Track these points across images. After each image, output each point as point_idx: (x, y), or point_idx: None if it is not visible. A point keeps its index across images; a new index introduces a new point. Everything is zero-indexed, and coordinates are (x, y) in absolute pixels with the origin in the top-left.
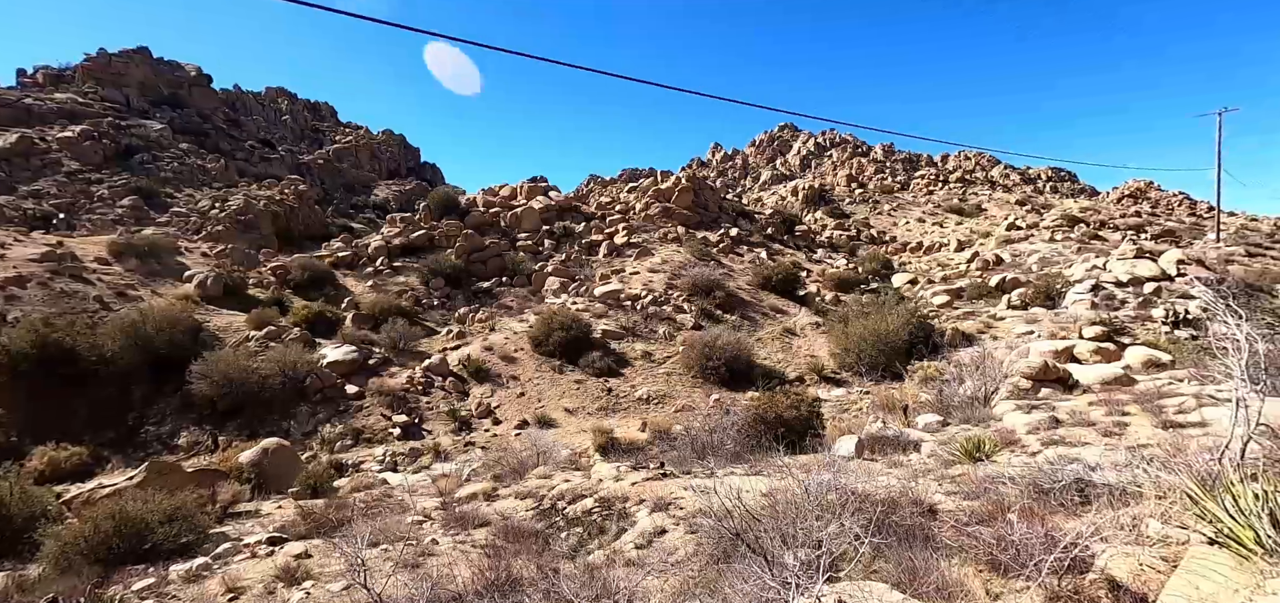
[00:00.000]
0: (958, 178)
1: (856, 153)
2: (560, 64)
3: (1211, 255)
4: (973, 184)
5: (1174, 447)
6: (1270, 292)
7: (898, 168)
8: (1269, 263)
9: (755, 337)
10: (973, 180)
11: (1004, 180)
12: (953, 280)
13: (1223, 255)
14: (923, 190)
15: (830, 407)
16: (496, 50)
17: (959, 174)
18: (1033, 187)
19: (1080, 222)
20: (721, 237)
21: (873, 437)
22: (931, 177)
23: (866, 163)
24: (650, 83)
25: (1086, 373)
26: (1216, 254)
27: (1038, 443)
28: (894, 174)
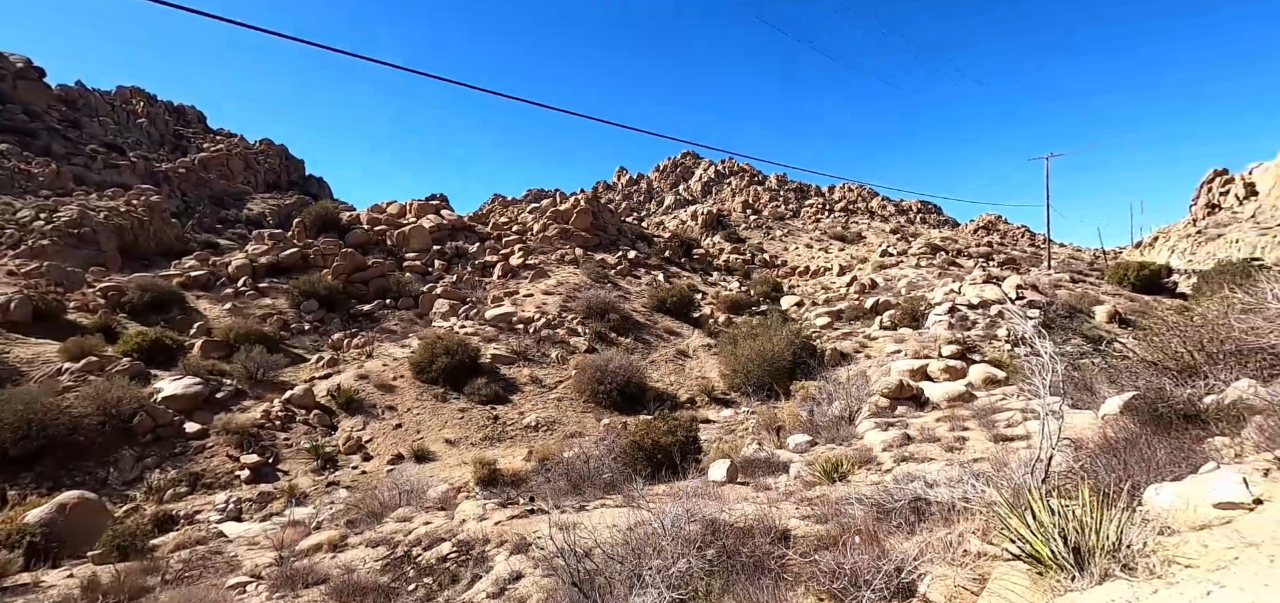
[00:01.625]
0: (842, 207)
1: (753, 181)
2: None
3: (1044, 281)
4: (855, 214)
5: (1000, 461)
6: (1088, 313)
7: (790, 197)
8: (1088, 288)
9: (649, 359)
10: (855, 210)
11: (881, 211)
12: (834, 303)
13: (1052, 281)
14: (811, 218)
15: (717, 428)
16: (394, 67)
17: (844, 204)
18: (905, 217)
19: (941, 250)
20: (619, 259)
21: (747, 460)
22: (819, 205)
23: (762, 191)
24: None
25: (936, 390)
26: (1048, 280)
27: (891, 460)
28: (787, 202)
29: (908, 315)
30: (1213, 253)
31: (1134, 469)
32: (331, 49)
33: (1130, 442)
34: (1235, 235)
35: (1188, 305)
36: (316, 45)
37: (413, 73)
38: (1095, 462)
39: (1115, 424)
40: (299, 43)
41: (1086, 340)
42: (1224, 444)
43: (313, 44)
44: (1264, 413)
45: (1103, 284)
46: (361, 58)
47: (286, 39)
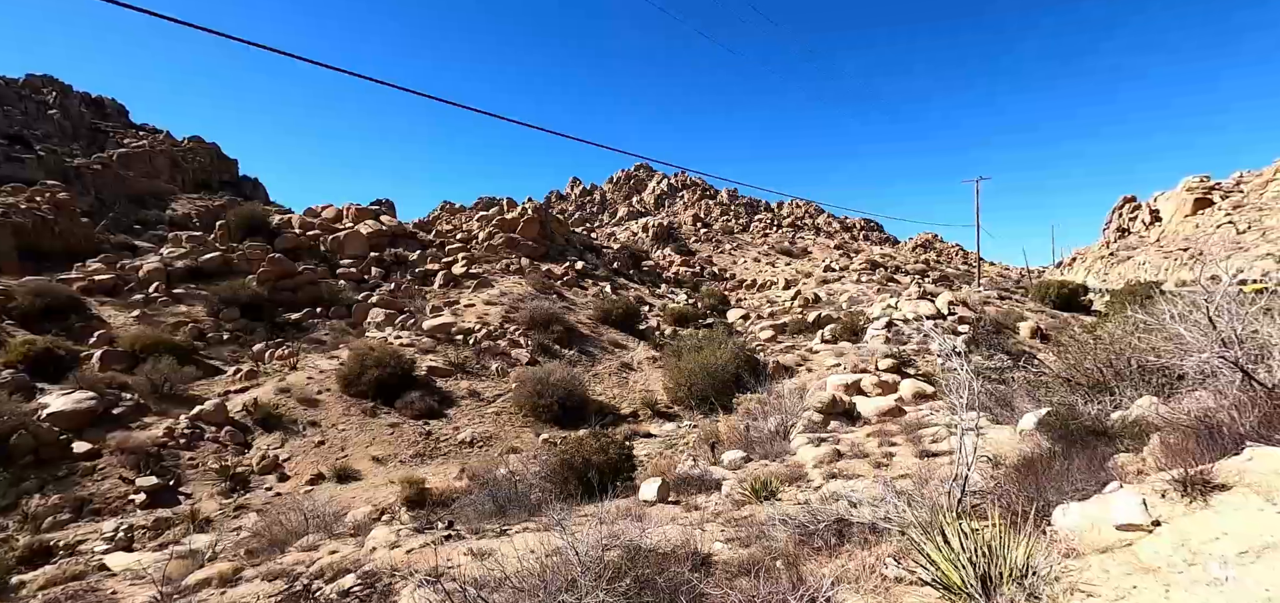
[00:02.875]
0: (790, 223)
1: (705, 196)
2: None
3: (974, 298)
4: (802, 230)
5: (923, 477)
6: (1013, 329)
7: (740, 211)
8: (1013, 305)
9: (592, 372)
10: (802, 226)
11: (827, 227)
12: (779, 316)
13: (982, 298)
14: (760, 233)
15: (658, 442)
16: (345, 73)
17: (791, 220)
18: (849, 234)
19: (881, 266)
20: (566, 269)
21: (680, 477)
22: (768, 220)
23: (713, 205)
24: (504, 118)
25: (868, 405)
26: (978, 297)
27: (821, 476)
28: (737, 217)
29: (848, 330)
30: (1123, 274)
31: (1045, 488)
32: (290, 54)
33: (1043, 459)
34: (1142, 258)
35: (1097, 324)
36: (268, 48)
37: (360, 78)
38: (1010, 480)
39: (1030, 440)
40: (240, 43)
41: (1010, 356)
42: (1128, 460)
43: (268, 48)
44: (1164, 430)
45: (1027, 301)
46: (311, 62)
47: (238, 42)
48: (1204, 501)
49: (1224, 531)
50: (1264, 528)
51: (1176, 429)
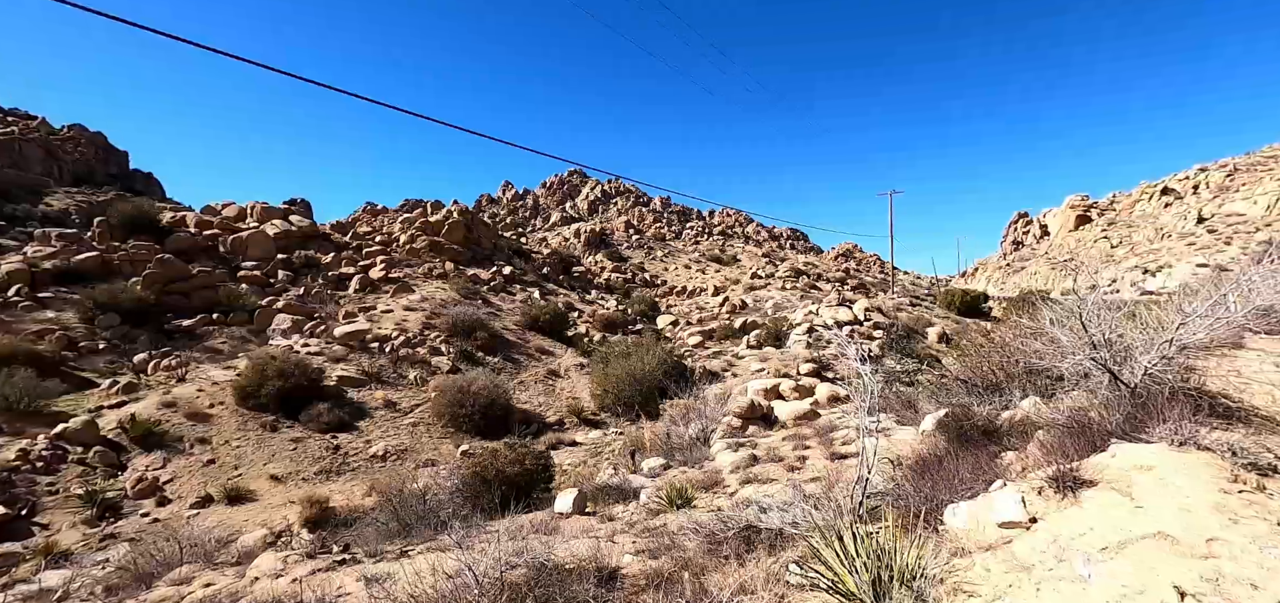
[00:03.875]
0: (721, 231)
1: (638, 202)
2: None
3: (888, 305)
4: (733, 238)
5: (832, 480)
6: (922, 334)
7: (673, 219)
8: (923, 311)
9: (517, 379)
10: (733, 234)
11: (756, 236)
12: (707, 323)
13: (896, 305)
14: (691, 240)
15: (584, 451)
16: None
17: (722, 228)
18: (777, 243)
19: (804, 274)
20: (493, 274)
21: (599, 487)
22: (700, 228)
23: (646, 212)
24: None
25: (785, 409)
26: (892, 304)
27: (737, 482)
28: (670, 224)
29: (772, 335)
30: (1018, 283)
31: (939, 488)
32: (200, 45)
33: (938, 459)
34: (1034, 268)
35: (990, 329)
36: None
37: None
38: (909, 480)
39: (929, 441)
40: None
41: (919, 359)
42: (1014, 458)
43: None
44: (1045, 429)
45: (935, 308)
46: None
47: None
48: (1074, 497)
49: (1090, 526)
50: (1122, 524)
51: (1054, 428)
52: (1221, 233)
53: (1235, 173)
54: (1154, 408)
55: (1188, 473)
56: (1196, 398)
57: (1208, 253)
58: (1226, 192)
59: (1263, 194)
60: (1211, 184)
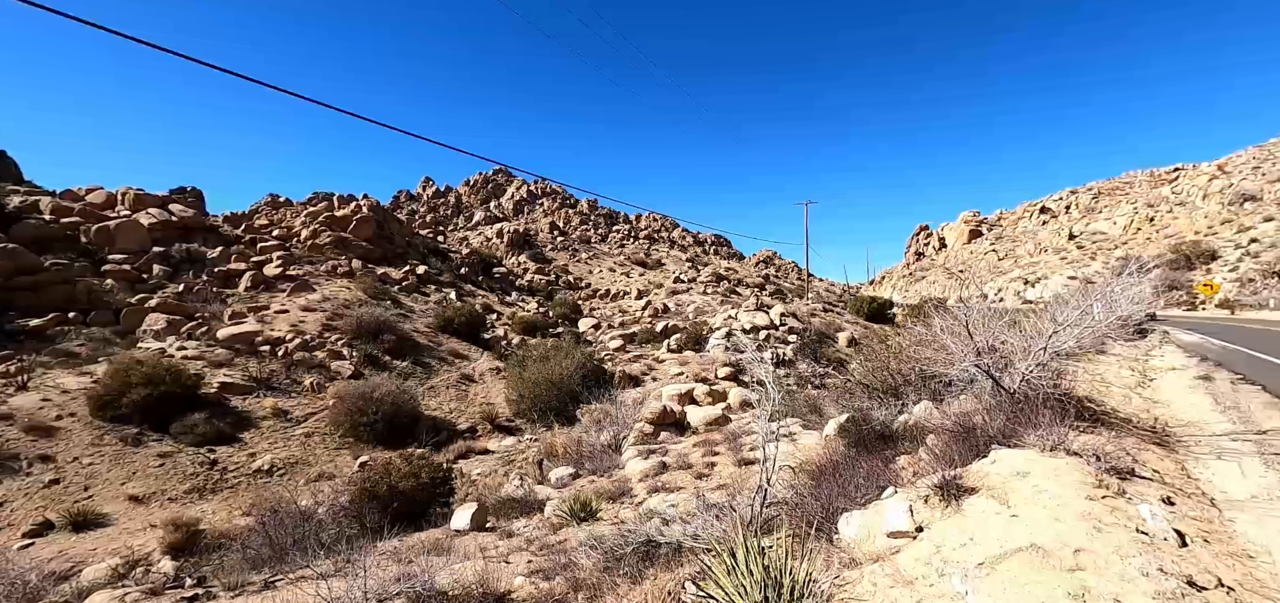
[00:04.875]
0: (647, 235)
1: (565, 204)
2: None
3: (803, 310)
4: (658, 242)
5: (736, 488)
6: (834, 338)
7: (600, 221)
8: (835, 317)
9: (427, 385)
10: (659, 239)
11: (681, 241)
12: (629, 326)
13: (810, 310)
14: (617, 244)
15: (495, 459)
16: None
17: (648, 232)
18: (702, 248)
19: (725, 279)
20: (406, 274)
21: (502, 500)
22: (626, 231)
23: (573, 214)
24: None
25: (697, 414)
26: (806, 309)
27: (645, 491)
28: (596, 227)
29: (692, 339)
30: (919, 290)
31: (836, 496)
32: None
33: (836, 466)
34: (934, 278)
35: (889, 335)
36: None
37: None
38: (808, 488)
39: (831, 446)
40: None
41: (831, 363)
42: (907, 462)
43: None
44: (935, 433)
45: (846, 314)
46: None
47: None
48: (957, 505)
49: (970, 536)
50: (999, 535)
51: (943, 433)
52: (1088, 249)
53: (1099, 195)
54: (1031, 412)
55: (1058, 479)
56: (1067, 403)
57: (1077, 266)
58: (1092, 212)
59: (1120, 215)
60: (1080, 205)
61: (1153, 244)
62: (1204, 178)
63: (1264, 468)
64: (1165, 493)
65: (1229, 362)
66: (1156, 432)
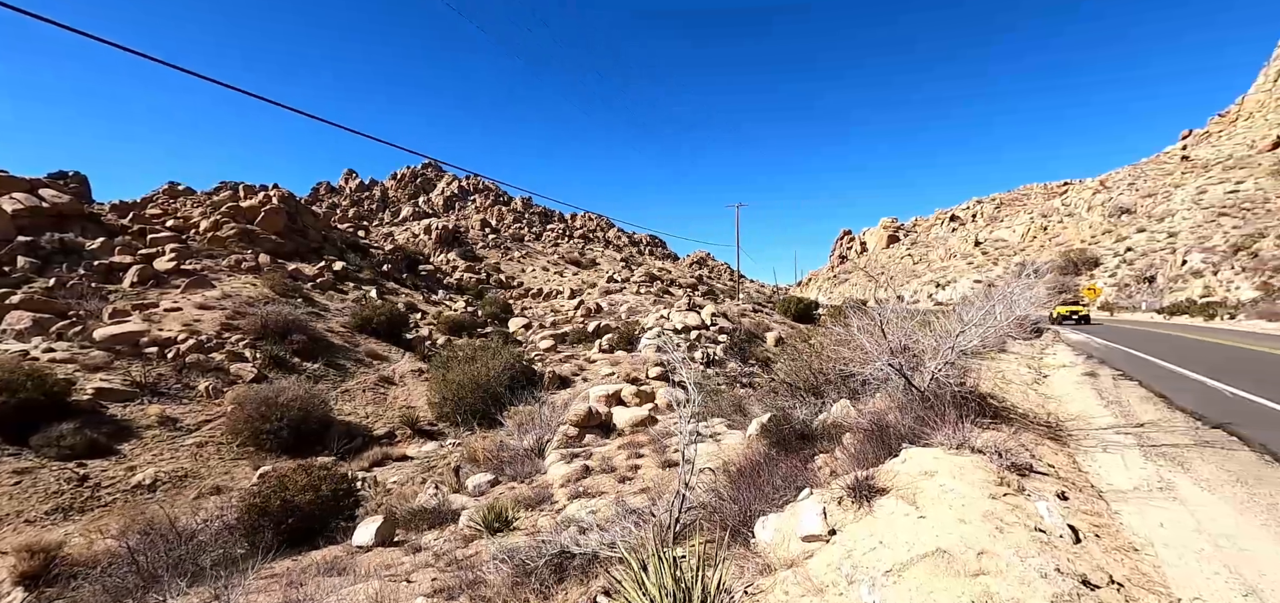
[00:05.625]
0: (582, 234)
1: (498, 201)
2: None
3: (733, 311)
4: (593, 242)
5: (659, 492)
6: (762, 337)
7: (534, 220)
8: (764, 317)
9: (341, 388)
10: (594, 238)
11: (617, 241)
12: (561, 326)
13: (740, 311)
14: (551, 243)
15: (415, 465)
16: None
17: (583, 231)
18: (636, 249)
19: (658, 279)
20: (321, 270)
21: (413, 511)
22: (561, 230)
23: (506, 212)
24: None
25: (624, 416)
26: (736, 310)
27: (566, 497)
28: (530, 225)
29: (624, 339)
30: (843, 292)
31: (755, 498)
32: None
33: (756, 467)
34: (855, 280)
35: (810, 334)
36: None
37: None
38: (729, 490)
39: (752, 446)
40: None
41: (758, 362)
42: (825, 461)
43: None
44: (851, 432)
45: (774, 314)
46: None
47: None
48: (869, 506)
49: (880, 539)
50: (907, 539)
51: (858, 432)
52: (991, 255)
53: (1001, 205)
54: (939, 410)
55: (963, 477)
56: (971, 400)
57: (982, 270)
58: (995, 221)
59: (1019, 224)
60: (985, 214)
61: (1046, 251)
62: (1089, 191)
63: (1144, 460)
64: (1060, 487)
65: (1110, 359)
66: (1051, 426)
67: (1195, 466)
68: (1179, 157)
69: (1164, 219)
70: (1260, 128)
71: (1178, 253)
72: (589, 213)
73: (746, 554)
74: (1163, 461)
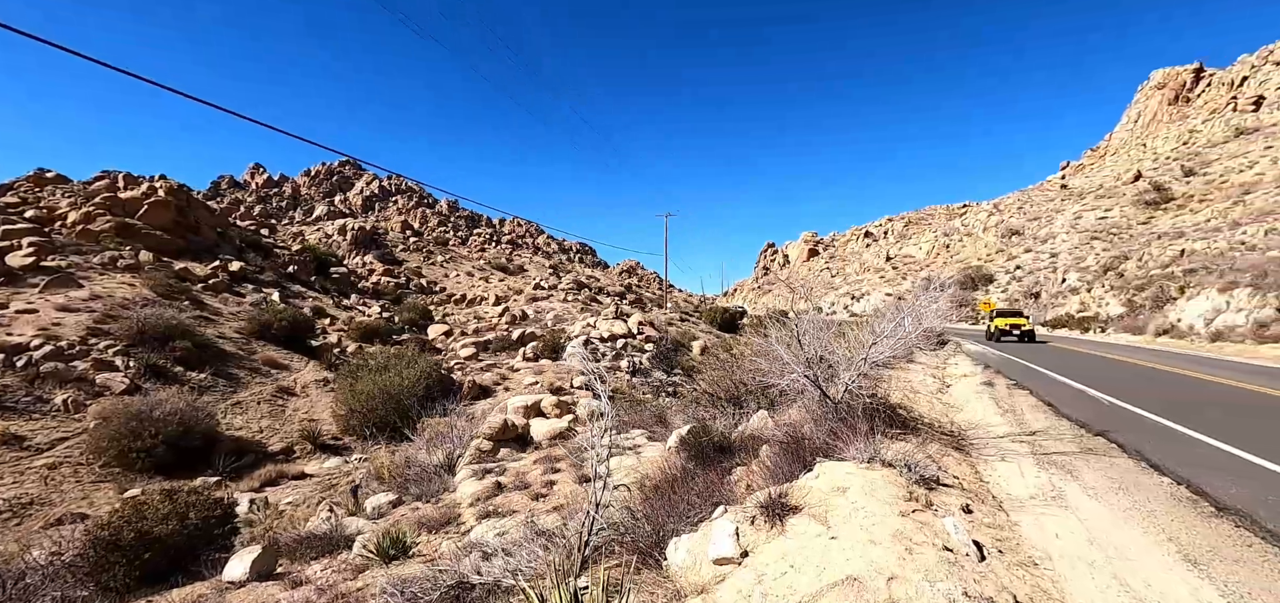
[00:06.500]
0: (510, 240)
1: (422, 203)
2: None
3: (660, 320)
4: (522, 248)
5: (573, 510)
6: (688, 347)
7: (461, 224)
8: (690, 326)
9: (232, 400)
10: (523, 244)
11: (546, 248)
12: (484, 333)
13: (667, 320)
14: (478, 248)
15: (314, 484)
16: None
17: (512, 237)
18: (566, 256)
19: (586, 287)
20: (214, 270)
21: (300, 539)
22: (488, 235)
23: (431, 215)
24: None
25: (542, 427)
26: (664, 319)
27: (475, 517)
28: (457, 229)
29: (549, 347)
30: (766, 303)
31: (670, 516)
32: None
33: (672, 483)
34: (779, 291)
35: (731, 344)
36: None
37: None
38: (644, 508)
39: (671, 459)
40: None
41: (684, 370)
42: (742, 474)
43: None
44: (769, 444)
45: (701, 324)
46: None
47: None
48: (781, 526)
49: (792, 563)
50: (818, 562)
51: (775, 445)
52: (901, 269)
53: (910, 223)
54: (852, 421)
55: (874, 494)
56: (882, 410)
57: (893, 284)
58: (904, 238)
59: (925, 241)
60: (895, 232)
61: (949, 267)
62: (985, 214)
63: (1037, 469)
64: (965, 500)
65: (1005, 369)
66: (954, 435)
67: (1082, 473)
68: (1059, 185)
69: (1047, 241)
70: (1124, 162)
71: (1058, 271)
72: (519, 219)
73: (657, 580)
74: (1054, 469)
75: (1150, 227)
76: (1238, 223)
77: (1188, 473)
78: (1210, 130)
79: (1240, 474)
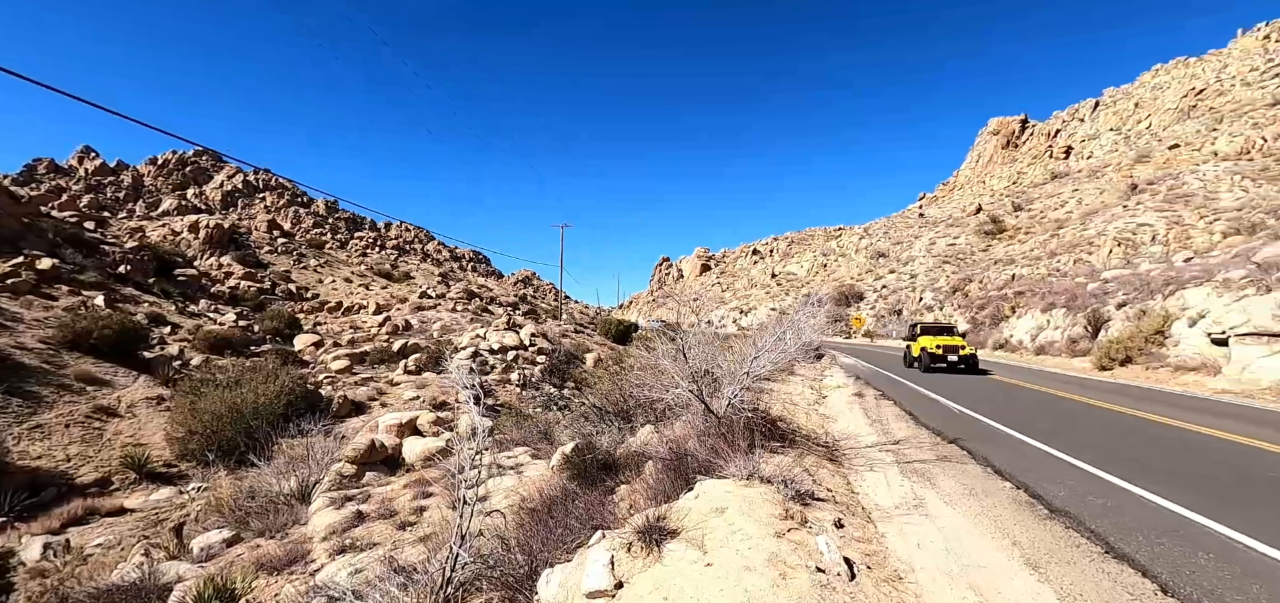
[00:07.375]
0: (396, 245)
1: (295, 202)
2: None
3: (554, 331)
4: (409, 254)
5: (440, 541)
6: (582, 359)
7: (340, 226)
8: (584, 338)
9: (32, 423)
10: (411, 251)
11: (436, 254)
12: (360, 344)
13: (561, 331)
14: (358, 252)
15: (135, 521)
16: None
17: (398, 242)
18: (458, 263)
19: (477, 296)
20: (16, 268)
21: (95, 595)
22: (371, 239)
23: (305, 215)
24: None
25: (416, 447)
26: (558, 330)
27: (327, 553)
28: (335, 231)
29: (433, 359)
30: (661, 316)
31: (545, 544)
32: None
33: (549, 506)
34: (672, 304)
35: (623, 356)
36: None
37: None
38: (518, 535)
39: (553, 478)
40: None
41: (576, 383)
42: (625, 494)
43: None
44: (654, 460)
45: (595, 335)
46: None
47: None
48: (658, 552)
49: (665, 596)
50: (693, 594)
51: (659, 462)
52: (785, 286)
53: (793, 243)
54: (733, 436)
55: (751, 514)
56: (763, 424)
57: (777, 300)
58: (788, 256)
59: (805, 261)
60: (779, 250)
61: (826, 285)
62: (857, 236)
63: (902, 478)
64: (837, 514)
65: (873, 381)
66: (829, 447)
67: (939, 480)
68: (917, 214)
69: (908, 263)
70: (969, 196)
71: (917, 291)
72: (407, 223)
73: None
74: (916, 477)
75: (989, 253)
76: (1053, 253)
77: (1024, 478)
78: (1033, 172)
79: (1061, 477)
